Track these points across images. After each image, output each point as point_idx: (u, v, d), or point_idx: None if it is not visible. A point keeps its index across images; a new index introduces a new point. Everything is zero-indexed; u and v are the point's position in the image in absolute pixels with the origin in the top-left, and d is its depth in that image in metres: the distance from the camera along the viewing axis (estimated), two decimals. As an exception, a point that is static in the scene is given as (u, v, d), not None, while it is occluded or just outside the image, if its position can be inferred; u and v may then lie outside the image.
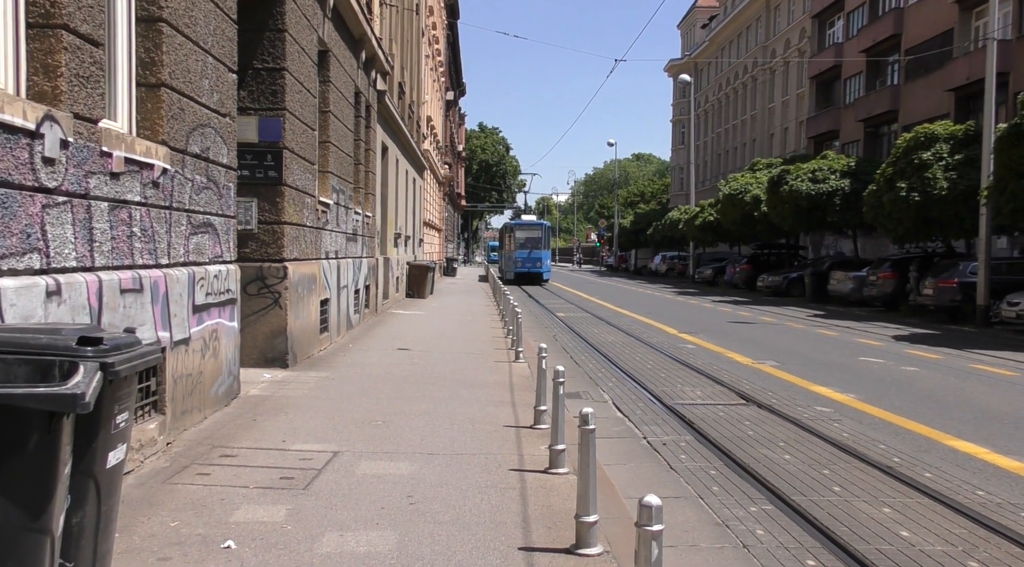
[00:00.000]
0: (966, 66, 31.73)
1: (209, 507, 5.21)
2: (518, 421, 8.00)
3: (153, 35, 6.64)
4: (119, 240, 5.94)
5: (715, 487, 6.59)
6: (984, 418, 9.55)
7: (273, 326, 10.75)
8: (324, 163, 13.49)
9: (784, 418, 9.27)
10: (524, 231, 45.93)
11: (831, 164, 32.32)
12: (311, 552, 4.50)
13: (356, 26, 15.31)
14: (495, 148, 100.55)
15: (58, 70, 5.09)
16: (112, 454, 3.29)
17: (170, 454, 6.46)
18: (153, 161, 6.46)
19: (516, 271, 44.31)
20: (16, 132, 4.64)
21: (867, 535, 5.49)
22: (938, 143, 24.61)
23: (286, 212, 10.90)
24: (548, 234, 47.15)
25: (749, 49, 62.82)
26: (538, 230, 46.17)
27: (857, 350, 16.10)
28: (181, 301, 7.01)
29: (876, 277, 26.84)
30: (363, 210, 17.34)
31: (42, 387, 2.90)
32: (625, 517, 5.24)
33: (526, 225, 47.03)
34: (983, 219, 21.53)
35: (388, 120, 21.71)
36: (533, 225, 47.02)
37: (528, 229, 46.19)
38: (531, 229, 46.18)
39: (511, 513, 5.24)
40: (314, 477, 5.92)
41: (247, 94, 10.61)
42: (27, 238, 4.79)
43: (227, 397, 8.39)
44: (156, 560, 4.34)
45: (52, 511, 2.95)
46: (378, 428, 7.57)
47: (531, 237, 45.45)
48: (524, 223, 47.74)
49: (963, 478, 6.95)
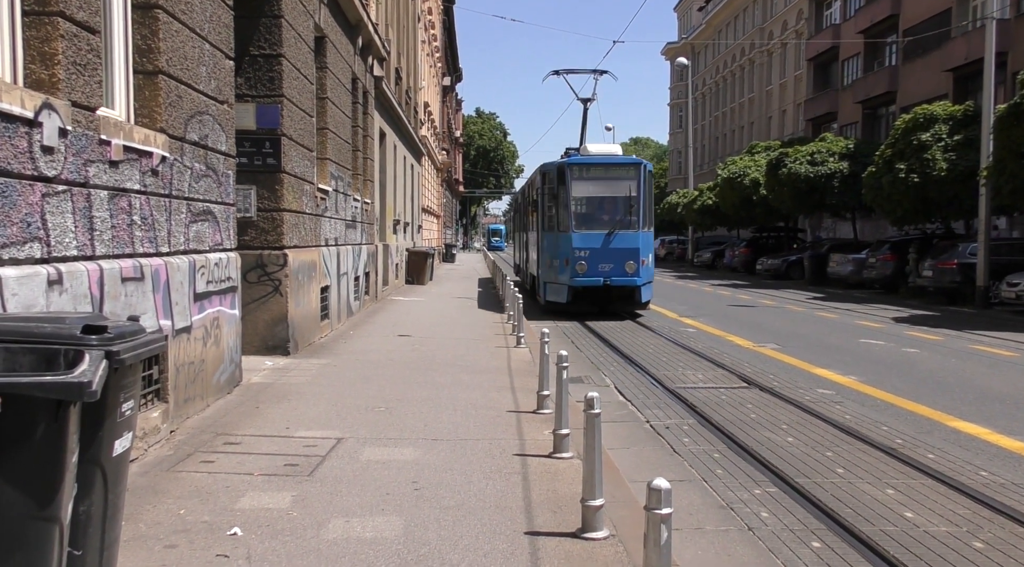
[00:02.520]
0: (964, 46, 31.60)
1: (214, 494, 5.21)
2: (521, 406, 8.00)
3: (149, 22, 6.59)
4: (119, 228, 5.92)
5: (719, 470, 6.60)
6: (986, 399, 9.56)
7: (274, 314, 10.74)
8: (322, 150, 13.44)
9: (786, 401, 9.28)
10: (595, 180, 18.69)
11: (829, 146, 32.26)
12: (317, 538, 4.51)
13: (352, 11, 15.22)
14: (492, 133, 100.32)
15: (55, 58, 5.05)
16: (118, 442, 3.28)
17: (174, 442, 6.46)
18: (152, 149, 6.43)
19: (575, 280, 17.98)
20: (14, 121, 4.60)
21: (871, 516, 5.50)
22: (937, 124, 24.56)
23: (285, 199, 10.86)
24: (647, 187, 18.58)
25: (746, 31, 62.56)
26: (627, 177, 18.57)
27: (857, 332, 16.11)
28: (182, 289, 6.99)
29: (875, 259, 26.84)
30: (362, 197, 17.29)
31: (48, 376, 2.88)
32: (630, 501, 5.25)
33: (601, 165, 18.85)
34: (982, 200, 21.51)
35: (386, 106, 21.62)
36: (616, 165, 18.93)
37: (604, 176, 18.75)
38: (610, 176, 18.69)
39: (516, 498, 5.24)
40: (318, 464, 5.93)
41: (244, 81, 10.54)
42: (27, 227, 4.76)
43: (229, 385, 8.39)
44: (163, 547, 4.35)
45: (60, 499, 2.94)
46: (381, 414, 7.57)
47: (611, 196, 18.59)
48: (597, 160, 19.06)
49: (966, 459, 6.96)
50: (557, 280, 18.22)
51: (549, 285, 18.67)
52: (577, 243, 17.71)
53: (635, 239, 17.80)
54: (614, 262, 17.61)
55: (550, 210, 18.76)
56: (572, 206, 18.06)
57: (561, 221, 18.12)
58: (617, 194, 18.28)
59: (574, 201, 18.21)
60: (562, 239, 17.99)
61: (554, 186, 18.52)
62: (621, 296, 18.11)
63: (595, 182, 18.48)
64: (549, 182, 18.94)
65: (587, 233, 17.82)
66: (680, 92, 74.03)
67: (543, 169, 19.41)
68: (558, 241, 18.15)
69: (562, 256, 17.91)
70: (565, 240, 17.88)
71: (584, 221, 18.14)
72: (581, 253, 17.67)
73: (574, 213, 18.04)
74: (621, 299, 18.21)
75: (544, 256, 19.09)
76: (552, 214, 18.62)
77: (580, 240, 17.75)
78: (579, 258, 17.66)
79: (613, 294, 18.01)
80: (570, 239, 17.76)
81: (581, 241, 17.74)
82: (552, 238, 18.49)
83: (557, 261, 18.13)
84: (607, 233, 17.73)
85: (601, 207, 18.50)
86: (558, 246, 18.12)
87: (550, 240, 18.63)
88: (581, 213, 18.30)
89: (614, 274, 17.67)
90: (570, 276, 17.74)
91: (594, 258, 17.64)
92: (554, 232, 18.35)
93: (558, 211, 18.31)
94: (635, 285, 17.77)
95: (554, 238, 18.37)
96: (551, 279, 18.51)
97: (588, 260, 17.66)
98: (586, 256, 17.67)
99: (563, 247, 17.89)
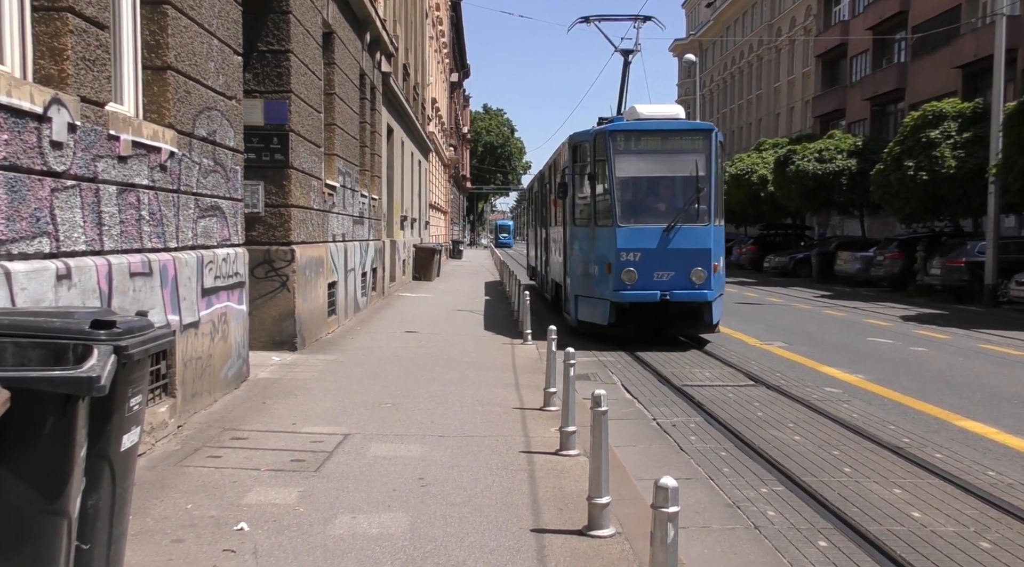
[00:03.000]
0: (974, 43, 31.44)
1: (221, 489, 5.22)
2: (528, 403, 8.00)
3: (158, 17, 6.60)
4: (128, 224, 5.93)
5: (726, 468, 6.59)
6: (994, 398, 9.53)
7: (281, 309, 10.76)
8: (330, 146, 13.45)
9: (793, 399, 9.26)
10: (649, 154, 13.68)
11: (838, 143, 32.16)
12: (324, 534, 4.51)
13: (360, 7, 15.21)
14: (500, 130, 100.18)
15: (64, 53, 5.06)
16: (126, 437, 3.29)
17: (181, 437, 6.48)
18: (160, 144, 6.44)
19: (622, 294, 13.03)
20: (24, 116, 4.61)
21: (879, 516, 5.48)
22: (946, 121, 24.46)
23: (293, 195, 10.88)
24: (719, 163, 13.56)
25: (754, 28, 62.38)
26: (692, 149, 13.43)
27: (865, 330, 16.07)
28: (190, 284, 7.01)
29: (883, 257, 26.76)
30: (369, 193, 17.30)
31: (57, 370, 2.89)
32: (636, 499, 5.25)
33: (656, 132, 13.71)
34: (991, 197, 21.42)
35: (393, 102, 21.62)
36: (678, 132, 13.79)
37: (661, 148, 13.69)
38: (670, 147, 13.64)
39: (522, 495, 5.24)
40: (325, 459, 5.94)
41: (252, 77, 10.55)
42: (36, 222, 4.78)
43: (236, 380, 8.41)
44: (170, 542, 4.36)
45: (69, 494, 2.95)
46: (388, 410, 7.58)
47: (671, 176, 13.70)
48: (652, 125, 13.80)
49: (974, 458, 6.94)
50: (594, 293, 13.46)
51: (583, 300, 13.89)
52: (624, 242, 12.84)
53: (704, 236, 12.92)
54: (675, 268, 12.75)
55: (584, 197, 14.02)
56: (617, 191, 13.10)
57: (600, 212, 13.32)
58: (679, 173, 13.33)
59: (619, 184, 13.20)
60: (602, 237, 13.20)
61: (590, 163, 13.56)
62: (682, 315, 13.32)
63: (649, 157, 13.51)
64: (582, 158, 14.04)
65: (638, 228, 12.95)
66: (688, 89, 73.82)
67: (574, 141, 14.47)
68: (596, 239, 13.37)
69: (602, 260, 13.15)
70: (606, 238, 13.07)
71: (633, 211, 13.25)
72: (629, 256, 12.81)
73: (619, 200, 13.09)
74: (682, 318, 13.42)
75: (575, 260, 14.26)
76: (587, 202, 13.86)
77: (628, 238, 12.87)
78: (627, 263, 12.78)
79: (672, 312, 13.21)
80: (613, 236, 12.89)
81: (629, 239, 12.88)
82: (587, 235, 13.72)
83: (594, 267, 13.37)
84: (665, 228, 12.80)
85: (657, 192, 13.70)
86: (596, 246, 13.34)
87: (584, 238, 13.84)
88: (629, 200, 13.41)
89: (675, 285, 12.77)
90: (614, 288, 12.91)
91: (648, 263, 12.77)
92: (590, 227, 13.65)
93: (596, 198, 13.49)
94: (704, 300, 12.91)
95: (590, 235, 13.61)
96: (585, 291, 13.80)
97: (639, 266, 12.77)
98: (636, 260, 12.79)
99: (603, 248, 13.13)
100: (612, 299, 13.03)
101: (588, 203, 13.83)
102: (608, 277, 13.01)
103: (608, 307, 13.11)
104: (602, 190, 13.37)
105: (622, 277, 12.83)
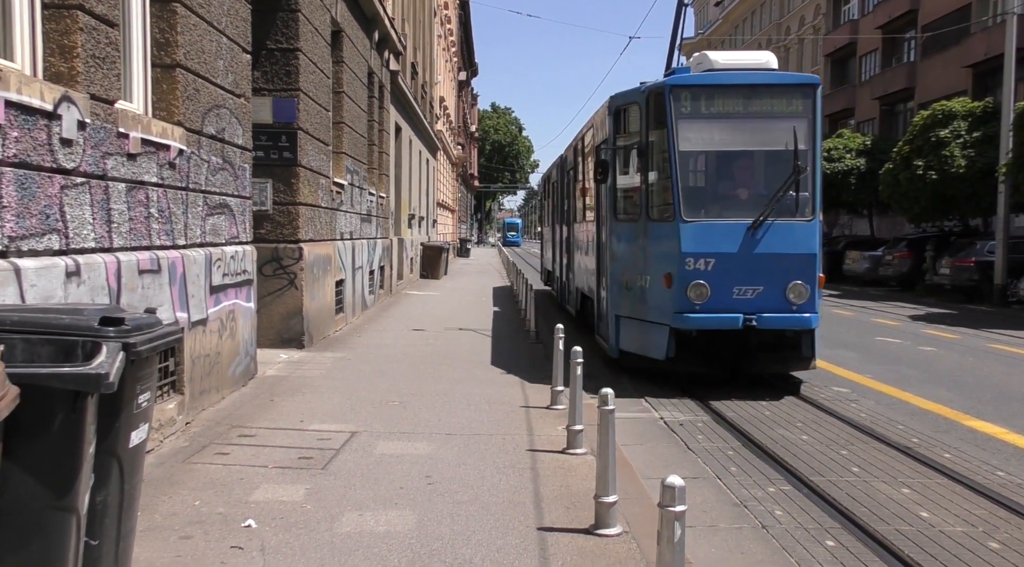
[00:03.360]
0: (984, 42, 31.28)
1: (229, 486, 5.24)
2: (534, 402, 8.00)
3: (168, 15, 6.62)
4: (137, 221, 5.95)
5: (733, 468, 6.57)
6: (1003, 398, 9.49)
7: (289, 307, 10.79)
8: (338, 144, 13.47)
9: (801, 398, 9.23)
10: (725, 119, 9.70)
11: (846, 143, 32.05)
12: (331, 531, 4.52)
13: (369, 5, 15.23)
14: (508, 129, 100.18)
15: (74, 51, 5.08)
16: (135, 433, 3.30)
17: (189, 434, 6.50)
18: (169, 142, 6.46)
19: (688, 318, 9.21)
20: (34, 113, 4.63)
21: (887, 516, 5.47)
22: (956, 120, 24.36)
23: (301, 193, 10.90)
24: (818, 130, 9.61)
25: (763, 27, 62.21)
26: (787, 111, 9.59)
27: (874, 330, 16.01)
28: (198, 282, 7.03)
29: (892, 257, 26.68)
30: (377, 191, 17.32)
31: (66, 367, 2.91)
32: (644, 498, 5.24)
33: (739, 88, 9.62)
34: (1001, 197, 21.33)
35: (401, 101, 21.63)
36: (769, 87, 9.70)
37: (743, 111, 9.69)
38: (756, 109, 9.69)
39: (529, 493, 5.24)
40: (332, 457, 5.95)
41: (261, 75, 10.58)
42: (46, 219, 4.80)
43: (244, 377, 8.43)
44: (178, 538, 4.37)
45: (78, 490, 2.96)
46: (395, 408, 7.59)
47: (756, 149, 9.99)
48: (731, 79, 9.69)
49: (983, 459, 6.91)
50: (644, 314, 9.75)
51: (627, 323, 10.10)
52: (692, 244, 9.16)
53: (808, 236, 9.27)
54: (765, 281, 9.13)
55: (631, 181, 10.20)
56: (681, 171, 9.46)
57: (656, 202, 9.70)
58: (771, 145, 9.69)
59: (686, 161, 9.68)
60: (659, 236, 9.55)
61: (642, 133, 9.82)
62: (769, 345, 9.62)
63: (728, 123, 9.66)
64: (630, 127, 10.29)
65: (711, 224, 9.28)
66: (696, 87, 73.54)
67: (618, 103, 10.52)
68: (650, 240, 9.66)
69: (658, 269, 9.47)
70: (665, 238, 9.42)
71: (705, 201, 9.77)
72: (699, 264, 9.13)
73: (685, 185, 9.48)
74: (768, 351, 9.65)
75: (617, 267, 10.35)
76: (636, 189, 10.02)
77: (697, 238, 9.19)
78: (695, 274, 9.11)
79: (752, 341, 9.50)
80: (676, 236, 9.22)
81: (699, 240, 9.19)
82: (635, 234, 9.95)
83: (645, 279, 9.68)
84: (752, 225, 9.12)
85: (739, 172, 10.01)
86: (650, 250, 9.64)
87: (631, 238, 10.07)
88: (699, 185, 10.11)
89: (764, 305, 9.12)
90: (676, 308, 9.21)
91: (725, 273, 9.12)
92: (640, 222, 9.84)
93: (650, 182, 9.76)
94: (806, 327, 9.29)
95: (640, 234, 9.84)
96: (632, 311, 10.00)
97: (713, 277, 9.10)
98: (709, 269, 9.11)
99: (660, 252, 9.49)
100: (673, 324, 9.18)
101: (638, 190, 9.90)
102: (667, 293, 9.22)
103: (667, 335, 9.27)
104: (659, 170, 9.61)
105: (688, 293, 9.02)
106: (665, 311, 9.35)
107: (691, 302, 9.10)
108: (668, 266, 9.28)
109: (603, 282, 11.11)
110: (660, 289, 9.39)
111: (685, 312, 9.14)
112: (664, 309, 9.36)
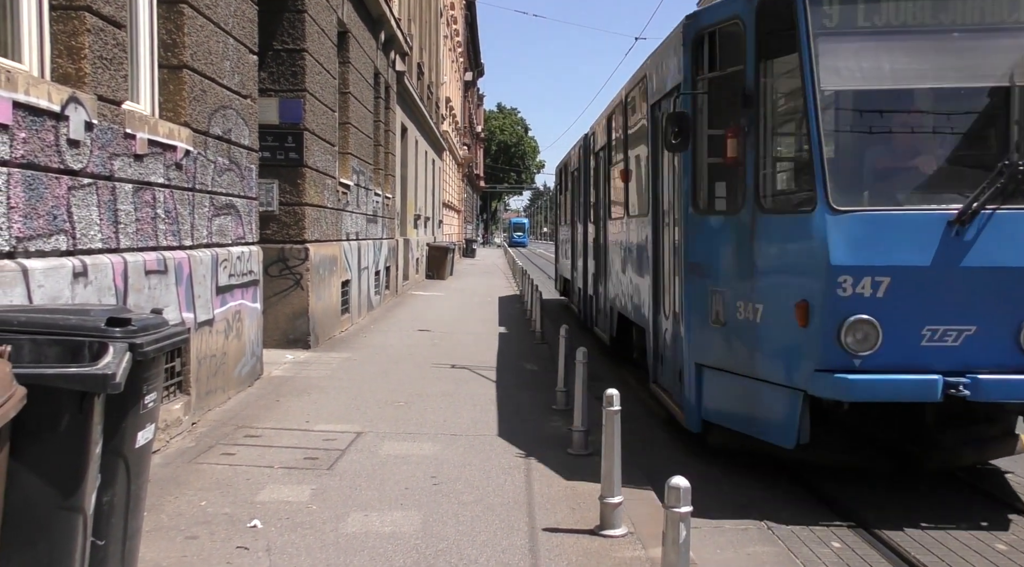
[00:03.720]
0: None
1: (235, 486, 5.25)
2: (540, 402, 7.99)
3: (175, 16, 6.64)
4: (143, 222, 5.97)
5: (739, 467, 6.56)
6: None
7: (295, 307, 10.80)
8: (344, 144, 13.49)
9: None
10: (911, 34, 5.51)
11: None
12: (336, 532, 4.53)
13: (375, 6, 15.25)
14: (513, 129, 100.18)
15: (82, 52, 5.10)
16: (141, 434, 3.32)
17: (195, 434, 6.52)
18: (176, 143, 6.48)
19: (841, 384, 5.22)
20: (41, 114, 4.65)
21: (894, 517, 5.44)
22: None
23: (307, 193, 10.92)
24: None
25: (770, 27, 61.98)
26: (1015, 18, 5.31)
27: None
28: (205, 282, 7.05)
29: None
30: (383, 191, 17.34)
31: (73, 367, 2.92)
32: (648, 498, 5.24)
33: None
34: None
35: (407, 101, 21.66)
36: None
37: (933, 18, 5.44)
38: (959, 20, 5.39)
39: (534, 494, 5.24)
40: (338, 457, 5.96)
41: (267, 75, 10.60)
42: (53, 220, 4.82)
43: (250, 378, 8.45)
44: (184, 538, 4.39)
45: (84, 490, 2.98)
46: (400, 409, 7.60)
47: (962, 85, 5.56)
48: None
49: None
50: (756, 369, 5.94)
51: (718, 379, 6.39)
52: (846, 249, 5.31)
53: None
54: (981, 315, 5.28)
55: (730, 147, 6.00)
56: (822, 124, 5.44)
57: (773, 178, 6.12)
58: (986, 79, 5.71)
59: (827, 106, 5.61)
60: (781, 236, 5.82)
61: (748, 68, 5.90)
62: (950, 416, 5.98)
63: (905, 41, 5.71)
64: (722, 61, 6.27)
65: (881, 215, 5.41)
66: (703, 88, 73.38)
67: (701, 24, 6.50)
68: (763, 243, 5.87)
69: (779, 293, 5.73)
70: (793, 240, 5.70)
71: (866, 175, 5.91)
72: (862, 285, 5.28)
73: (834, 148, 5.66)
74: (953, 427, 6.08)
75: (698, 287, 6.50)
76: (729, 161, 6.05)
77: (857, 239, 5.31)
78: (855, 301, 5.29)
79: (928, 411, 5.94)
80: (818, 235, 5.38)
81: (861, 243, 5.31)
82: (733, 233, 6.12)
83: (756, 307, 5.87)
84: (954, 217, 5.22)
85: (922, 128, 5.84)
86: (765, 259, 5.86)
87: (725, 239, 6.23)
88: (857, 149, 5.86)
89: (979, 356, 5.30)
90: (817, 360, 5.43)
91: (910, 301, 5.27)
92: (740, 214, 6.03)
93: (763, 147, 5.90)
94: None
95: (741, 232, 6.02)
96: (729, 361, 6.24)
97: (887, 308, 5.28)
98: (880, 295, 5.27)
99: (784, 262, 5.79)
100: (812, 390, 5.50)
101: (737, 162, 6.00)
102: (801, 334, 5.54)
103: (798, 407, 5.60)
104: (781, 128, 6.22)
105: (844, 338, 5.32)
106: (796, 366, 5.58)
107: (847, 352, 5.31)
108: (803, 289, 5.50)
109: (665, 307, 7.52)
110: (786, 327, 5.60)
111: (836, 370, 5.34)
112: (794, 362, 5.60)
